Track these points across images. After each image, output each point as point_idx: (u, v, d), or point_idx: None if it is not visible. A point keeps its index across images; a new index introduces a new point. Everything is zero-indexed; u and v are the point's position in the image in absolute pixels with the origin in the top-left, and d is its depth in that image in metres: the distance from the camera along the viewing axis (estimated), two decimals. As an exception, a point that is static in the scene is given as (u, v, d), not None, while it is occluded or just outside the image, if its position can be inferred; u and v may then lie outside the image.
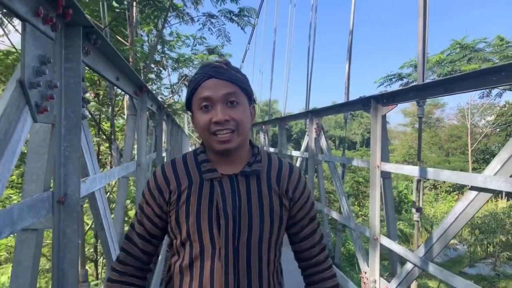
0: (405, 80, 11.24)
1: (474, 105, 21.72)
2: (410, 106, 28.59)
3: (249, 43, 16.04)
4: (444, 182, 21.30)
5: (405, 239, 12.88)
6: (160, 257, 4.47)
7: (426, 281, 8.44)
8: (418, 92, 2.92)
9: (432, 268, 2.68)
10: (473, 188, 2.35)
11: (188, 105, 1.08)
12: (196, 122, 1.04)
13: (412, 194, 18.65)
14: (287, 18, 10.01)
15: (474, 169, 20.00)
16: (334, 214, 4.82)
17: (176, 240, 1.06)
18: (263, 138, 8.65)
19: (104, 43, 1.65)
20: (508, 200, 17.51)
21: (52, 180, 1.38)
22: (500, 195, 18.33)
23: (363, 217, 15.40)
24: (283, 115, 9.47)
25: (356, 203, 17.70)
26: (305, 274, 1.18)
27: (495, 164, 2.22)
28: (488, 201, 2.43)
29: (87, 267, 6.25)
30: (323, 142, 5.17)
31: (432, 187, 22.31)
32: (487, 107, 22.15)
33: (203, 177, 1.04)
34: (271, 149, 8.01)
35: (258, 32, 14.43)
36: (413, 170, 2.99)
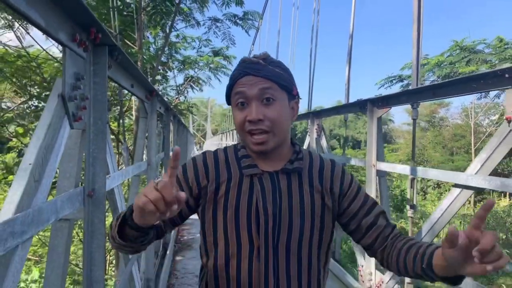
0: (405, 82, 11.34)
1: (478, 105, 21.80)
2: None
3: (253, 44, 16.25)
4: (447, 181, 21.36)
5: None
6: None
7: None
8: (410, 96, 3.13)
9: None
10: (457, 185, 2.57)
11: (228, 101, 1.07)
12: (234, 119, 1.02)
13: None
14: (290, 20, 10.21)
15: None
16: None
17: (211, 237, 1.01)
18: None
19: (124, 58, 1.88)
20: (510, 199, 17.59)
21: (82, 177, 1.62)
22: (503, 194, 18.40)
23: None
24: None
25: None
26: (391, 254, 1.00)
27: (476, 163, 2.44)
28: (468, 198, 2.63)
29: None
30: (323, 142, 5.39)
31: (436, 186, 22.41)
32: (491, 106, 22.18)
33: (243, 172, 1.01)
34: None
35: (262, 34, 14.65)
36: (404, 169, 3.20)
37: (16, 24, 7.99)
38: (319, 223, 1.01)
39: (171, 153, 6.24)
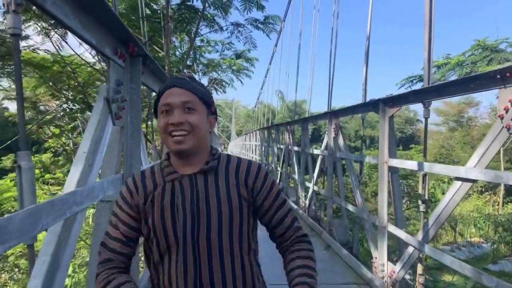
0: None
1: (507, 103, 21.15)
2: (443, 105, 28.01)
3: (276, 46, 16.50)
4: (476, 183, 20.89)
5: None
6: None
7: (443, 274, 8.60)
8: (417, 96, 3.32)
9: (428, 250, 3.08)
10: (457, 178, 2.76)
11: (155, 111, 1.17)
12: (158, 125, 1.13)
13: (442, 191, 18.50)
14: (311, 22, 10.40)
15: (506, 169, 19.53)
16: (350, 207, 5.25)
17: (147, 240, 1.12)
18: (288, 137, 9.08)
19: (154, 66, 2.21)
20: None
21: (119, 166, 1.94)
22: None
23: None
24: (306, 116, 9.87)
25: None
26: (287, 256, 1.17)
27: (475, 157, 2.63)
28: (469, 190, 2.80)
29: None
30: (340, 141, 5.59)
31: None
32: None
33: (165, 179, 1.12)
34: (295, 148, 8.47)
35: (284, 35, 14.88)
36: (413, 165, 3.40)
37: (52, 32, 8.60)
38: (238, 214, 1.10)
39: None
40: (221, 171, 1.14)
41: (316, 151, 7.08)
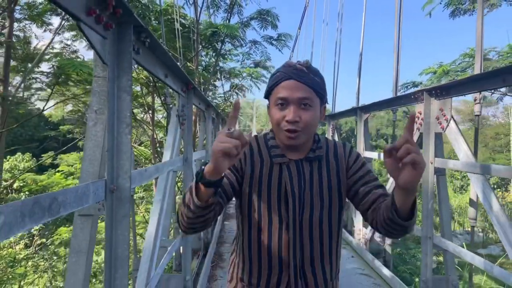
0: (418, 88, 12.15)
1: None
2: (460, 104, 28.53)
3: (292, 51, 17.91)
4: (488, 179, 21.65)
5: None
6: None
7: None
8: (380, 106, 4.62)
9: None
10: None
11: (267, 96, 1.20)
12: (271, 115, 1.16)
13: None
14: (321, 32, 11.65)
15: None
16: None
17: (246, 212, 1.19)
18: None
19: (199, 93, 3.62)
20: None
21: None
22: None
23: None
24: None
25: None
26: (381, 208, 1.07)
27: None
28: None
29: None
30: (336, 138, 6.91)
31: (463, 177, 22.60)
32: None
33: (273, 160, 1.17)
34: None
35: (300, 42, 16.27)
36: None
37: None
38: (337, 200, 1.19)
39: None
40: (323, 158, 1.21)
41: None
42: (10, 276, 8.90)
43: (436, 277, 3.40)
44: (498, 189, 21.78)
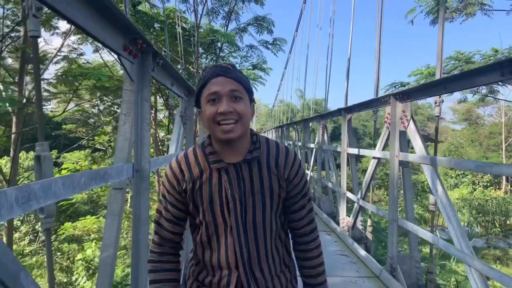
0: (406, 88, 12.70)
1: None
2: (455, 104, 29.10)
3: (290, 53, 18.52)
4: (482, 177, 22.32)
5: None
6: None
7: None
8: (361, 106, 5.21)
9: (362, 203, 4.97)
10: (373, 158, 4.65)
11: (197, 101, 1.21)
12: (203, 114, 1.16)
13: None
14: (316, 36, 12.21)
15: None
16: (330, 184, 7.17)
17: (195, 220, 1.25)
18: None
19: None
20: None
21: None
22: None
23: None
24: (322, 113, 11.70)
25: (385, 193, 19.66)
26: (293, 242, 1.34)
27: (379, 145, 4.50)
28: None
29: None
30: (325, 137, 7.51)
31: (470, 183, 23.22)
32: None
33: (211, 167, 1.19)
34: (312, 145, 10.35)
35: (296, 45, 16.87)
36: (364, 152, 5.31)
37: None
38: (277, 199, 1.24)
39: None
40: (262, 159, 1.22)
41: (312, 145, 8.94)
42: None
43: (401, 254, 3.99)
44: (491, 187, 22.39)
